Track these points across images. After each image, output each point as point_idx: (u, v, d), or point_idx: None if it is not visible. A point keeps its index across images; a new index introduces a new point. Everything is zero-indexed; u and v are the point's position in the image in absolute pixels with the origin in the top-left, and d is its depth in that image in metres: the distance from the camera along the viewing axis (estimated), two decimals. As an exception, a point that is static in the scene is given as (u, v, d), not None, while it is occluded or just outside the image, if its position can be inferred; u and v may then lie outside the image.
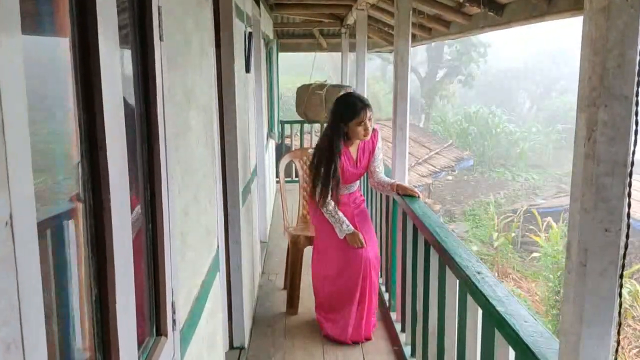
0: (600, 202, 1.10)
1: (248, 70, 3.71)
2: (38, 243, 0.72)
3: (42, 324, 0.70)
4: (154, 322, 1.34)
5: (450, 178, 20.82)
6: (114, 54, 1.01)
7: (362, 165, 3.37)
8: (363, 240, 3.25)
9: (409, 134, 3.63)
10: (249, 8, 3.98)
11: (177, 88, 1.60)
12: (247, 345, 3.28)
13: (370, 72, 26.05)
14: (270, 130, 7.09)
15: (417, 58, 28.79)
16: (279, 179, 4.23)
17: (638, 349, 8.85)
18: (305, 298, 3.85)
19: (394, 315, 3.55)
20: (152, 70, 1.29)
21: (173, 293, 1.42)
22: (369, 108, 3.20)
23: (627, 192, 1.11)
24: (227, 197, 3.05)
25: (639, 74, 1.06)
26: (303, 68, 17.83)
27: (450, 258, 2.12)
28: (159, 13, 1.33)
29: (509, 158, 25.46)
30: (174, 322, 1.42)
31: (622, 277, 1.15)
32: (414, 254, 2.90)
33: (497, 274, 12.35)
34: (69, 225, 0.95)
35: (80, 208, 0.95)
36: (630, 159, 1.10)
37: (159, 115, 1.34)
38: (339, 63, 8.02)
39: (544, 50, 36.46)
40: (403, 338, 3.26)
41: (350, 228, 3.26)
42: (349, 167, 3.30)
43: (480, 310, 1.82)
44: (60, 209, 0.95)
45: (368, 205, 4.41)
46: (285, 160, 4.28)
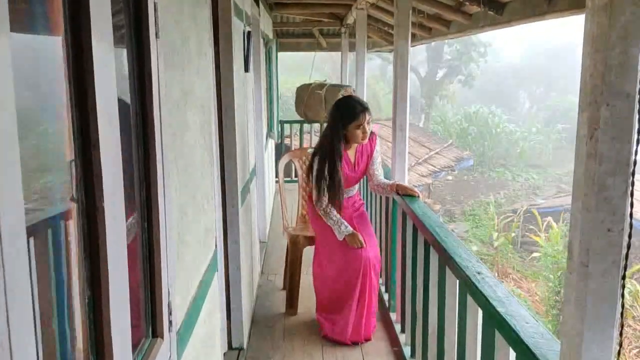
0: (603, 201, 1.09)
1: (247, 70, 3.69)
2: (27, 243, 0.70)
3: (30, 325, 0.69)
4: (150, 323, 1.32)
5: (450, 178, 20.81)
6: (108, 51, 0.99)
7: (360, 169, 3.37)
8: (363, 241, 3.24)
9: (409, 134, 3.62)
10: (248, 7, 3.97)
11: (174, 87, 1.59)
12: (245, 346, 3.27)
13: (370, 71, 26.05)
14: (270, 130, 7.08)
15: (417, 58, 28.78)
16: (279, 179, 4.21)
17: (638, 349, 8.84)
18: (305, 298, 3.84)
19: (394, 316, 3.53)
20: (148, 69, 1.27)
21: (169, 294, 1.41)
22: (368, 111, 3.21)
23: (629, 191, 1.10)
24: (225, 196, 3.03)
25: (642, 72, 1.05)
26: (303, 68, 17.84)
27: (450, 258, 2.11)
28: (155, 10, 1.31)
29: (509, 158, 25.45)
30: (170, 323, 1.40)
31: (624, 277, 1.13)
32: (414, 254, 2.88)
33: (497, 274, 12.33)
34: (62, 226, 0.94)
35: (74, 208, 0.94)
36: (633, 158, 1.08)
37: (155, 114, 1.32)
38: (339, 63, 8.00)
39: (544, 50, 36.44)
40: (403, 339, 3.25)
41: (349, 229, 3.25)
42: (347, 170, 3.30)
43: (481, 311, 1.81)
44: (52, 209, 0.93)
45: (368, 205, 4.40)
46: (285, 160, 4.26)
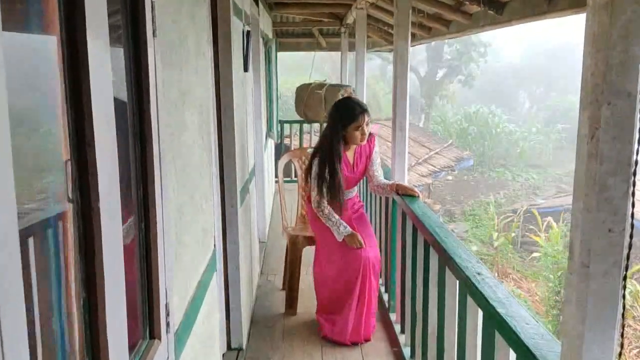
0: (604, 202, 1.08)
1: (246, 69, 3.68)
2: (27, 245, 0.69)
3: (23, 329, 0.68)
4: (147, 324, 1.31)
5: (450, 178, 20.79)
6: (104, 50, 0.98)
7: (359, 170, 3.37)
8: (362, 241, 3.23)
9: (409, 134, 3.61)
10: (248, 6, 3.96)
11: (171, 86, 1.57)
12: (245, 347, 3.26)
13: (370, 71, 26.03)
14: (269, 130, 7.07)
15: (417, 58, 28.77)
16: (278, 179, 4.20)
17: (638, 350, 8.82)
18: (305, 298, 3.82)
19: (394, 317, 3.52)
20: (145, 68, 1.26)
21: (167, 294, 1.40)
22: (367, 113, 3.22)
23: (630, 191, 1.09)
24: (224, 196, 3.02)
25: (643, 71, 1.04)
26: (302, 68, 17.83)
27: (450, 258, 2.10)
28: (152, 8, 1.30)
29: (509, 158, 25.44)
30: (168, 324, 1.39)
31: (625, 278, 1.12)
32: (414, 255, 2.87)
33: (497, 274, 12.33)
34: (57, 227, 0.93)
35: (69, 208, 0.92)
36: (635, 158, 1.07)
37: (153, 114, 1.31)
38: (339, 62, 7.98)
39: (544, 50, 36.42)
40: (402, 339, 3.24)
41: (348, 229, 3.25)
42: (347, 172, 3.30)
43: (481, 312, 1.80)
44: (48, 210, 0.92)
45: (367, 206, 4.39)
46: (284, 160, 4.25)
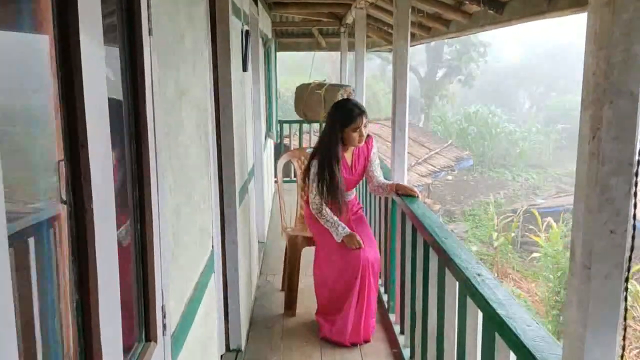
0: (605, 202, 1.06)
1: (245, 69, 3.66)
2: (12, 246, 0.68)
3: (12, 331, 0.66)
4: (143, 327, 1.29)
5: (450, 178, 20.77)
6: (97, 48, 0.96)
7: (357, 172, 3.37)
8: (361, 241, 3.22)
9: (409, 134, 3.60)
10: (247, 6, 3.94)
11: (168, 85, 1.56)
12: (243, 348, 3.24)
13: (370, 71, 26.06)
14: (269, 130, 7.05)
15: (416, 58, 28.76)
16: (277, 179, 4.18)
17: (638, 350, 8.81)
18: (304, 299, 3.81)
19: (393, 317, 3.51)
20: (140, 66, 1.25)
21: (163, 296, 1.38)
22: (365, 115, 3.24)
23: (632, 192, 1.07)
24: (223, 197, 3.01)
25: (646, 69, 1.02)
26: (302, 68, 17.82)
27: (450, 259, 2.08)
28: (148, 6, 1.28)
29: (509, 158, 25.43)
30: (164, 326, 1.37)
31: (627, 280, 1.11)
32: (413, 255, 2.86)
33: (496, 274, 12.31)
34: (50, 228, 0.91)
35: (62, 209, 0.91)
36: (637, 158, 1.05)
37: (148, 113, 1.29)
38: (338, 62, 7.97)
39: (544, 50, 36.41)
40: (402, 340, 3.22)
41: (347, 230, 3.24)
42: (345, 173, 3.30)
43: (481, 313, 1.78)
44: (40, 210, 0.91)
45: (367, 206, 4.38)
46: (284, 160, 4.23)
